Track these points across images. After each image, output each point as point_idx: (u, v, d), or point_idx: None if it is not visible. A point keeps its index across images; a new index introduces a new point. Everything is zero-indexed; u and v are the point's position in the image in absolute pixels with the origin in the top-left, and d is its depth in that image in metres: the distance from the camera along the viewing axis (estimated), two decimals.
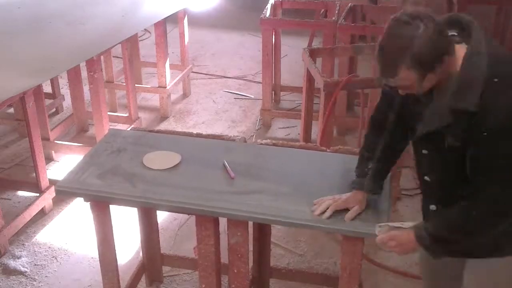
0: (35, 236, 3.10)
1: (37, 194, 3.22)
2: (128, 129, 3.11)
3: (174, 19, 4.64)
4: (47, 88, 4.33)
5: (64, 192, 2.10)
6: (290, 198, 1.97)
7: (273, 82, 4.48)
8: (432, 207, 1.78)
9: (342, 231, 1.88)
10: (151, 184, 2.05)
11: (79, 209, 3.20)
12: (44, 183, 3.22)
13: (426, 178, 1.76)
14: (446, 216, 1.69)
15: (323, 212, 1.88)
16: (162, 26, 4.24)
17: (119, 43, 3.72)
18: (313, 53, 3.36)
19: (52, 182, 3.22)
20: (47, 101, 4.08)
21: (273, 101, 4.58)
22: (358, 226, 1.84)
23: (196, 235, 2.08)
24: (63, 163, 3.74)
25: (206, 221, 2.02)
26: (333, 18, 4.05)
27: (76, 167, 2.15)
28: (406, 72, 1.51)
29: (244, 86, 5.22)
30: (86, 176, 2.09)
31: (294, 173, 2.13)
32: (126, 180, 2.06)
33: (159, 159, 2.19)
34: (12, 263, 2.86)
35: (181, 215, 3.22)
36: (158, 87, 4.49)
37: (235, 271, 2.10)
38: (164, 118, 4.53)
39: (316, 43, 4.91)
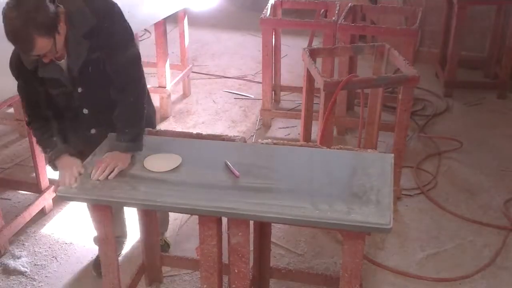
0: (35, 236, 3.10)
1: (37, 194, 3.22)
2: None
3: (174, 19, 4.64)
4: None
5: (66, 198, 2.11)
6: (294, 196, 1.97)
7: (273, 82, 4.48)
8: (93, 131, 2.30)
9: (345, 227, 1.88)
10: (153, 186, 2.04)
11: (79, 209, 3.20)
12: (44, 183, 3.22)
13: (84, 111, 2.23)
14: (125, 120, 2.18)
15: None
16: (162, 26, 4.24)
17: None
18: (313, 53, 3.36)
19: (52, 182, 3.22)
20: None
21: (273, 101, 4.58)
22: (361, 221, 1.84)
23: (198, 235, 2.08)
24: None
25: (210, 221, 2.02)
26: (333, 18, 4.05)
27: None
28: (41, 41, 1.88)
29: (244, 86, 5.22)
30: (87, 181, 2.08)
31: (296, 171, 2.13)
32: (128, 183, 2.06)
33: (160, 161, 2.18)
34: (12, 263, 2.86)
35: (181, 215, 3.22)
36: (158, 87, 4.49)
37: (236, 271, 2.10)
38: (164, 118, 4.53)
39: (316, 43, 4.91)
